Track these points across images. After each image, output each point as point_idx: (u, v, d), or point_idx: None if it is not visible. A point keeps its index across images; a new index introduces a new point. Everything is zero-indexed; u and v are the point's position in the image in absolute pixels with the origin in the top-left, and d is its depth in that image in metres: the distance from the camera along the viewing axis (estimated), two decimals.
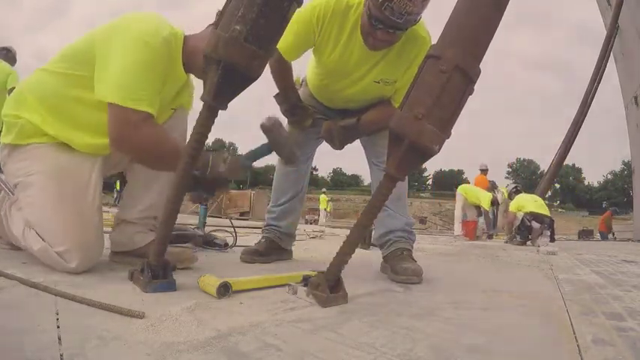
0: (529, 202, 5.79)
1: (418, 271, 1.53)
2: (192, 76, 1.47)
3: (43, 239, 1.20)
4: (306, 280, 1.12)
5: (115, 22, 1.28)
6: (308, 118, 1.81)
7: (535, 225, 5.43)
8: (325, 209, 17.80)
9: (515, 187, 6.89)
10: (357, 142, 2.07)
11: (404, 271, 1.53)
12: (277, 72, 1.71)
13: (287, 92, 1.77)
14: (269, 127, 1.39)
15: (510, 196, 6.54)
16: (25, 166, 1.28)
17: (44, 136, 1.29)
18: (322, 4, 1.55)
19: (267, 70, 1.44)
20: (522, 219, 5.56)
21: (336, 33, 1.59)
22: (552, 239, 5.34)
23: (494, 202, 6.83)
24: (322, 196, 18.60)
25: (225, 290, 1.05)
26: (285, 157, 1.45)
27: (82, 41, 1.31)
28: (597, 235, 13.13)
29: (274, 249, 1.90)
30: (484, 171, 8.02)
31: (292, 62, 1.74)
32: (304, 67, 1.92)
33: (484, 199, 6.57)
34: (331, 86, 1.76)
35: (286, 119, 1.85)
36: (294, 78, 1.82)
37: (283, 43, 1.61)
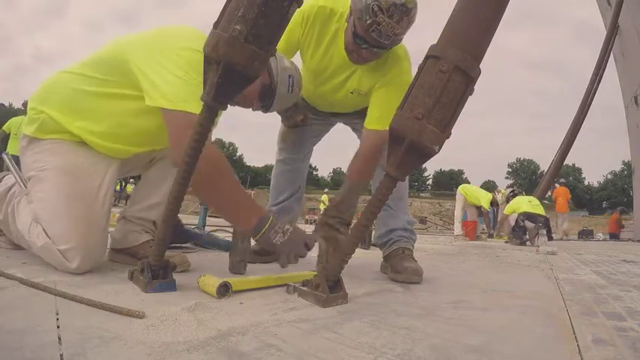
0: (524, 203, 5.85)
1: (419, 271, 1.53)
2: None
3: (47, 236, 1.20)
4: (305, 284, 1.12)
5: (156, 32, 1.27)
6: (299, 113, 1.80)
7: (529, 224, 5.45)
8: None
9: (512, 191, 6.94)
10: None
11: (404, 269, 1.53)
12: None
13: None
14: (239, 238, 1.47)
15: (508, 201, 6.57)
16: (40, 160, 1.28)
17: (64, 133, 1.29)
18: (308, 6, 1.56)
19: None
20: (517, 219, 5.59)
21: (317, 37, 1.60)
22: (550, 237, 5.36)
23: (494, 203, 6.86)
24: (324, 196, 18.44)
25: (225, 290, 1.05)
26: (231, 264, 1.48)
27: (112, 47, 1.30)
28: (598, 236, 13.11)
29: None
30: (563, 183, 10.97)
31: None
32: None
33: (484, 199, 6.59)
34: (314, 90, 1.76)
35: (280, 117, 1.85)
36: None
37: None
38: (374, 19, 1.34)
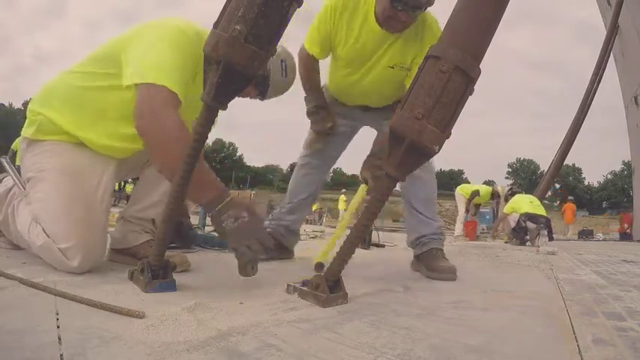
0: (524, 203, 5.81)
1: (453, 269, 1.65)
2: None
3: (48, 235, 1.20)
4: (305, 284, 1.13)
5: (148, 22, 1.31)
6: (329, 120, 1.85)
7: (530, 225, 5.43)
8: (344, 210, 16.81)
9: (511, 188, 6.94)
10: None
11: (440, 268, 1.66)
12: (304, 71, 1.77)
13: (313, 92, 1.83)
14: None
15: (506, 199, 6.56)
16: (39, 162, 1.29)
17: (62, 134, 1.30)
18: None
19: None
20: (518, 220, 5.57)
21: (348, 23, 1.66)
22: (551, 238, 5.34)
23: (495, 195, 6.87)
24: (342, 197, 17.57)
25: (320, 268, 1.20)
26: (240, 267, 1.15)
27: (111, 42, 1.32)
28: (598, 236, 13.11)
29: (275, 247, 1.91)
30: (572, 200, 12.59)
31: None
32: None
33: (483, 189, 6.67)
34: (349, 77, 1.80)
35: (310, 125, 1.91)
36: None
37: (309, 42, 1.72)
38: None
